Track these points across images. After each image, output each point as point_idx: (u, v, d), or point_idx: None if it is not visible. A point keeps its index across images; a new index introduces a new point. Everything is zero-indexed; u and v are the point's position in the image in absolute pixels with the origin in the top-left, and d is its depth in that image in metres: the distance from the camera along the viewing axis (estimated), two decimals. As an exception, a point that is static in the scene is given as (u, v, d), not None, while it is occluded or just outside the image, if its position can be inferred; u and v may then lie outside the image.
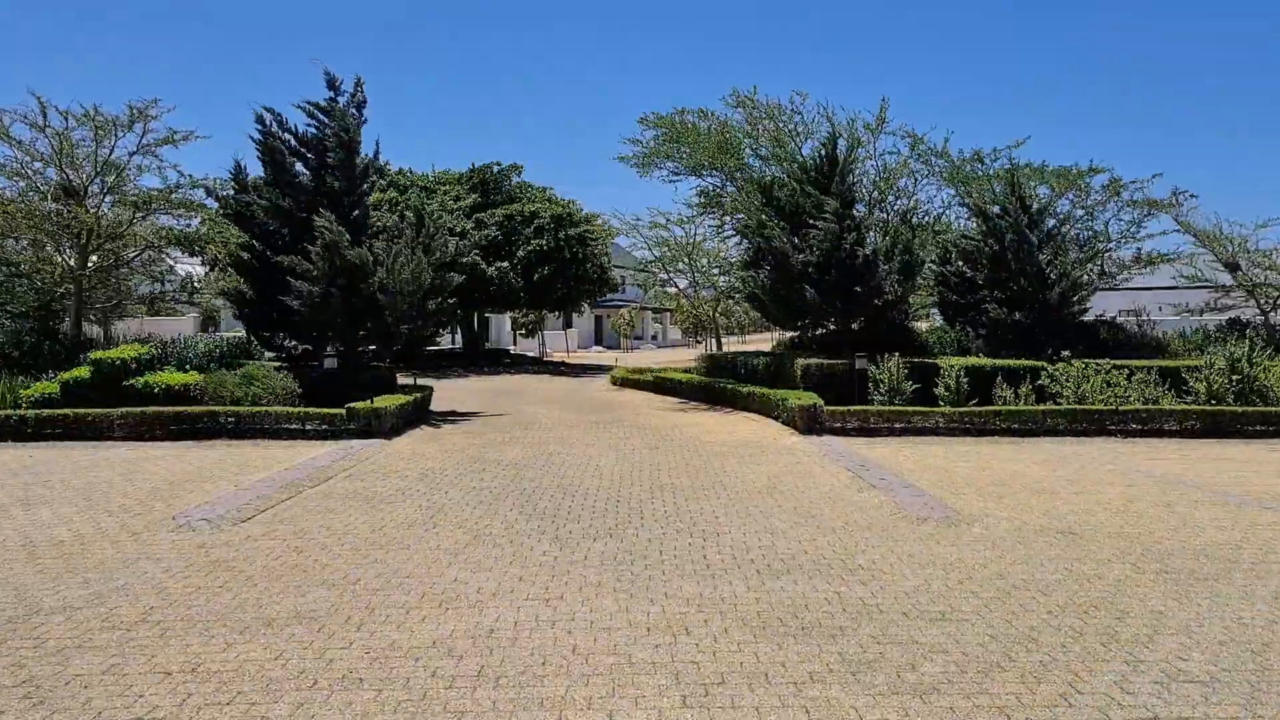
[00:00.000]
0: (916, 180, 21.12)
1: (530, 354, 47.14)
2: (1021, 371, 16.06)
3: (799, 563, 6.84)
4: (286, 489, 9.88)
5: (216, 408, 14.03)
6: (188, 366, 16.13)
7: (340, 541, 7.55)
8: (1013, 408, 14.19)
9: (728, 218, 23.42)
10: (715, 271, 25.64)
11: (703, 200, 23.74)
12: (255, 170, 18.62)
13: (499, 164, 38.73)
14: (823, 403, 14.36)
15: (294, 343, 18.44)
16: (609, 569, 6.67)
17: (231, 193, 17.85)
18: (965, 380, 15.08)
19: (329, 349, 17.72)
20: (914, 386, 15.25)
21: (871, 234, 17.06)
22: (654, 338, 74.58)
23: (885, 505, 8.94)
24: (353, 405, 14.05)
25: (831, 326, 18.00)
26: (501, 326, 59.65)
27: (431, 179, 38.38)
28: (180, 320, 39.49)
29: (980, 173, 20.76)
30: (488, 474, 10.98)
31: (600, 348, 62.83)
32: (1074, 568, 6.70)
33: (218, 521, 8.27)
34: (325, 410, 14.13)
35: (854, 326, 17.66)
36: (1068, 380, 15.33)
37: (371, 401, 14.29)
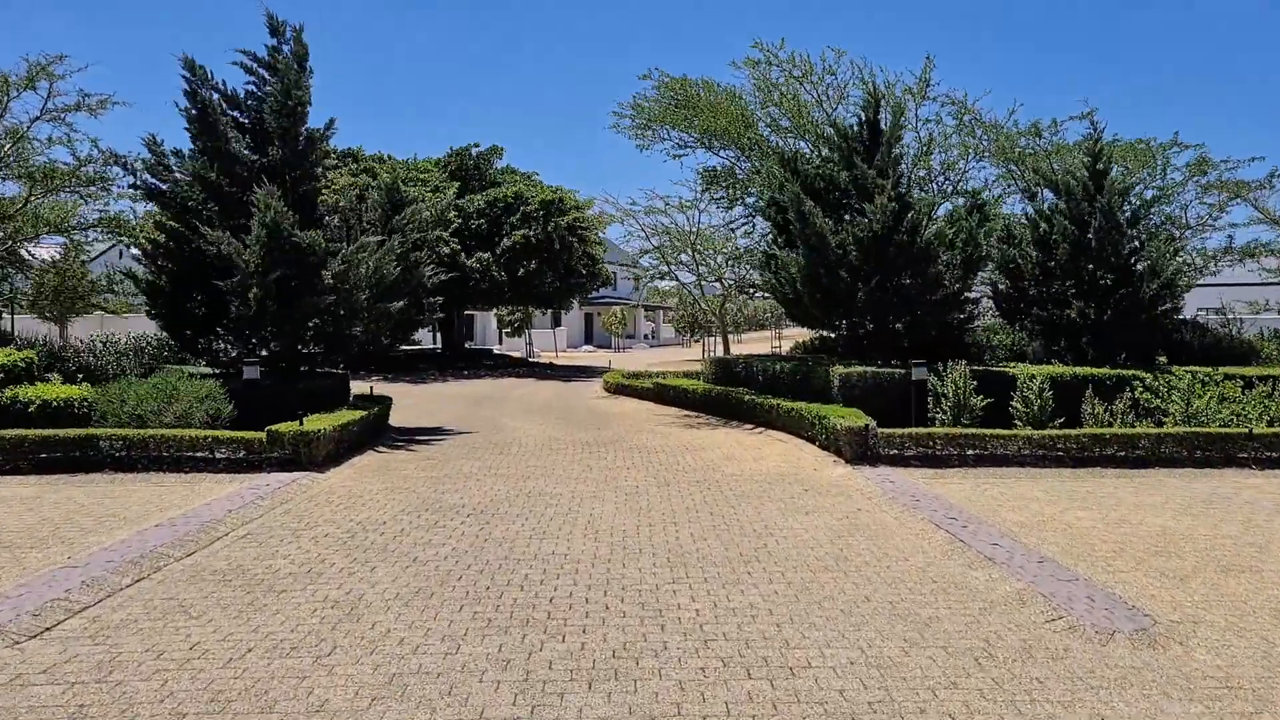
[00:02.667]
0: (968, 156, 18.11)
1: (516, 354, 44.06)
2: (1109, 382, 13.14)
3: (957, 755, 3.83)
4: (140, 563, 6.81)
5: (99, 431, 10.91)
6: (80, 377, 13.01)
7: (162, 691, 4.50)
8: (1120, 431, 11.23)
9: (739, 203, 20.38)
10: (721, 262, 22.64)
11: (708, 180, 20.63)
12: (180, 143, 15.55)
13: (477, 145, 35.58)
14: (875, 423, 11.37)
15: (224, 345, 15.28)
16: (618, 777, 3.65)
17: (149, 159, 14.63)
18: (1049, 394, 12.13)
19: (264, 352, 14.66)
20: (985, 402, 12.28)
21: (923, 217, 14.05)
22: (646, 337, 71.55)
23: (1028, 599, 5.94)
24: (275, 428, 10.96)
25: (869, 326, 15.00)
26: (487, 324, 56.52)
27: (407, 165, 35.15)
28: (146, 319, 36.16)
29: (1034, 148, 17.78)
30: (441, 532, 7.93)
31: (590, 347, 59.80)
32: None
33: (-13, 640, 5.20)
34: (240, 434, 11.04)
35: (897, 326, 14.68)
36: (1171, 394, 12.39)
37: (301, 423, 11.19)
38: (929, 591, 6.15)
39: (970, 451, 11.19)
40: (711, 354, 45.06)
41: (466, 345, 42.40)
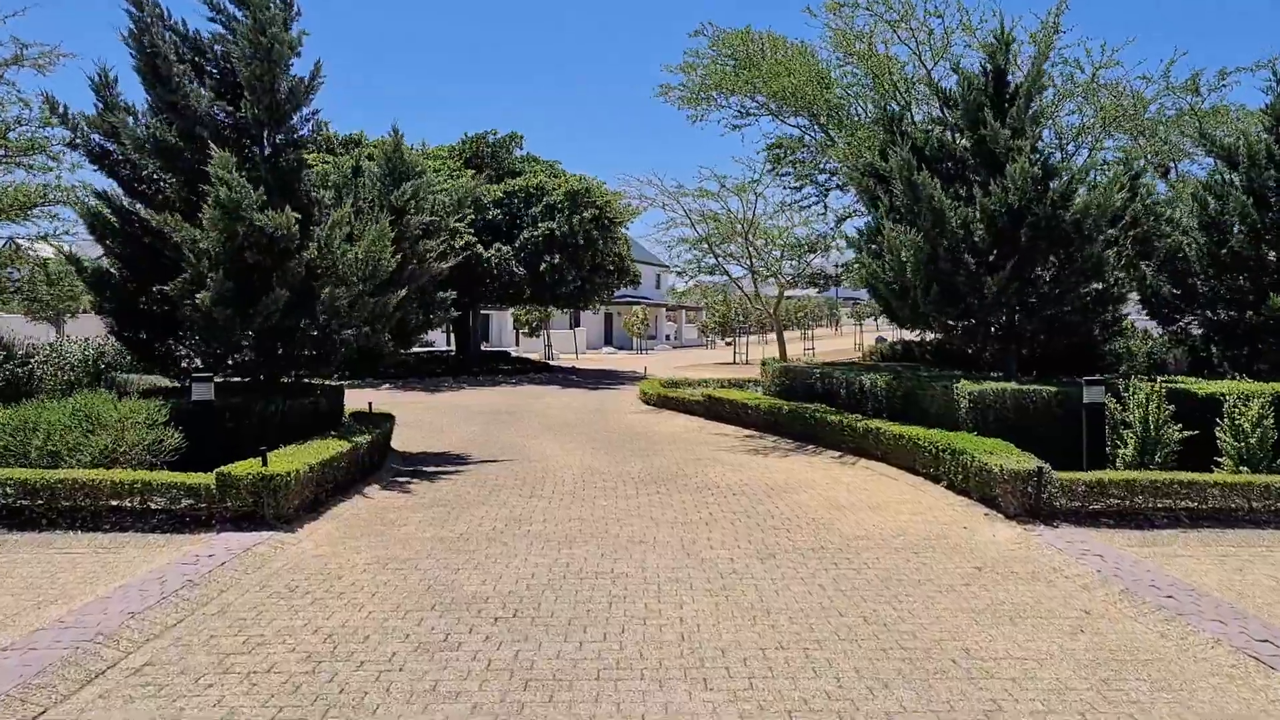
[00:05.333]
0: (1105, 122, 14.83)
1: (534, 355, 41.17)
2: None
3: None
4: (-74, 754, 3.87)
5: (-10, 473, 8.02)
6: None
7: None
8: (1397, 478, 8.14)
9: (809, 180, 17.33)
10: (778, 255, 19.62)
11: (776, 155, 17.56)
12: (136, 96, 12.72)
13: (495, 132, 32.63)
14: (1048, 466, 8.30)
15: (186, 352, 12.37)
16: None
17: (97, 109, 11.66)
18: (1270, 422, 9.03)
19: (231, 361, 11.78)
20: (1183, 434, 9.18)
21: (1077, 184, 10.96)
22: (668, 337, 68.54)
23: None
24: (229, 470, 8.02)
25: (994, 327, 11.95)
26: (503, 325, 53.65)
27: (419, 152, 32.26)
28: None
29: (1182, 108, 14.61)
30: (453, 664, 4.96)
31: (611, 348, 56.85)
32: None
33: None
34: (183, 478, 8.10)
35: (1026, 329, 11.62)
36: None
37: (265, 461, 8.23)
38: None
39: (1184, 505, 8.12)
40: (742, 356, 42.05)
41: (482, 347, 39.49)
